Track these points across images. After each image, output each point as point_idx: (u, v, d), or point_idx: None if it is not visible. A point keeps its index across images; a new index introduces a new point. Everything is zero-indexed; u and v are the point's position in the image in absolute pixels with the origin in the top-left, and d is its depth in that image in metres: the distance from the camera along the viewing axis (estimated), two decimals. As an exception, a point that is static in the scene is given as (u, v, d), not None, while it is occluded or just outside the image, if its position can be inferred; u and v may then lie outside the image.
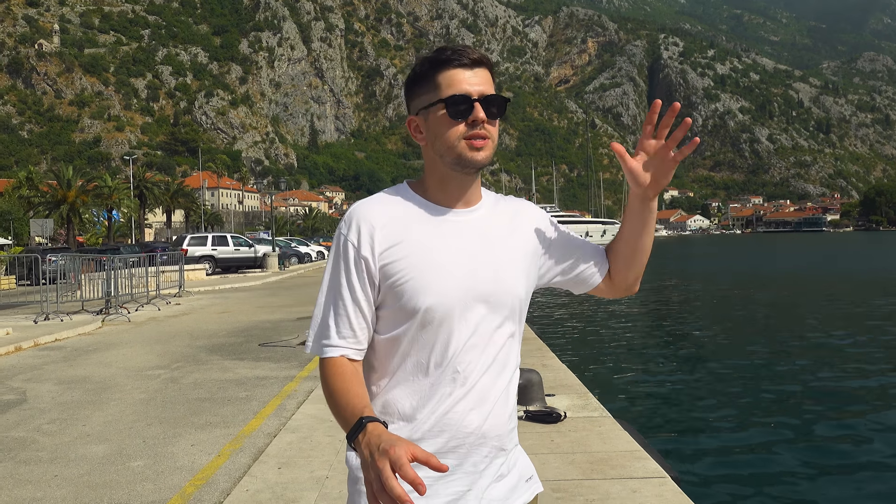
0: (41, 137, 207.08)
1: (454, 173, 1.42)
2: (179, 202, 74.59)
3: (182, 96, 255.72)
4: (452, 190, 1.44)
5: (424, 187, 1.47)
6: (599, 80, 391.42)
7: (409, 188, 1.49)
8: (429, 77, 1.42)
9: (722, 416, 8.64)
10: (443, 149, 1.41)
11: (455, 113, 1.38)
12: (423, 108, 1.43)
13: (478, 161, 1.39)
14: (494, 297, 1.41)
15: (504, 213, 1.50)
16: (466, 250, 1.41)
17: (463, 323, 1.39)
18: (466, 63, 1.40)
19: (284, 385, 7.52)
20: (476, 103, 1.38)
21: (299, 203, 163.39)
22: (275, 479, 4.49)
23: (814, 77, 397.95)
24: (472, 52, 1.41)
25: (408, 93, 1.48)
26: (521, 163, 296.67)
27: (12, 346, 10.56)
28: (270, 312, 15.16)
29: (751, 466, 6.81)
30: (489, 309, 1.41)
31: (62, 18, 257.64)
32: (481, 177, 1.44)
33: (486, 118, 1.39)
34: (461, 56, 1.40)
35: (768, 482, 6.39)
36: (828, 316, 18.00)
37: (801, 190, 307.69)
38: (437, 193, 1.45)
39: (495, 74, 1.45)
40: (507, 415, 1.45)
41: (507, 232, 1.47)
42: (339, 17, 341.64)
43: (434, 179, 1.46)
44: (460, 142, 1.38)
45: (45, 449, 5.44)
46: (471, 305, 1.39)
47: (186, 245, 30.32)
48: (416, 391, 1.41)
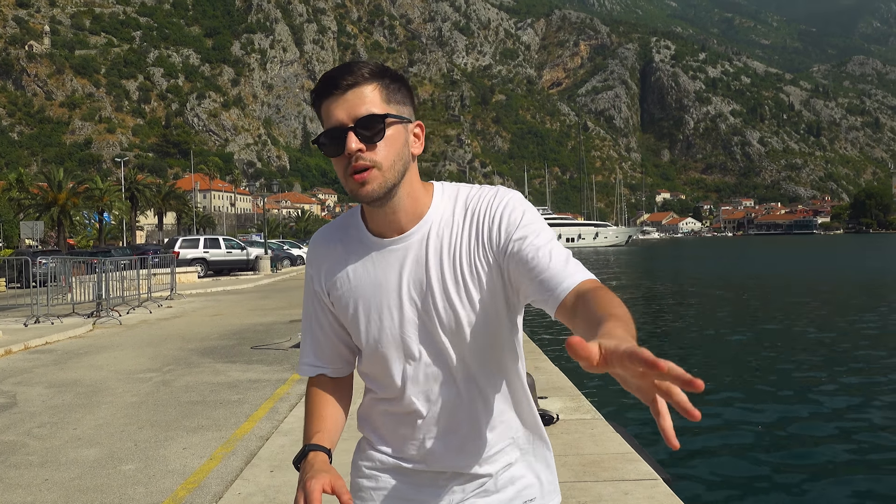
0: (31, 139, 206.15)
1: (369, 206, 1.35)
2: (171, 204, 74.30)
3: (174, 98, 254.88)
4: (378, 219, 1.36)
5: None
6: (592, 82, 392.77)
7: (358, 215, 1.43)
8: (318, 112, 1.33)
9: (713, 418, 8.67)
10: (343, 185, 1.33)
11: (329, 151, 1.29)
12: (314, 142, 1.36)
13: (364, 195, 1.28)
14: (429, 327, 1.35)
15: (451, 225, 1.36)
16: (392, 286, 1.36)
17: (404, 358, 1.37)
18: (337, 91, 1.27)
19: (277, 388, 7.51)
20: (349, 133, 1.26)
21: (291, 205, 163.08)
22: (267, 483, 4.48)
23: (804, 80, 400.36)
24: (344, 75, 1.27)
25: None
26: (514, 165, 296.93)
27: (2, 350, 10.50)
28: (263, 315, 15.13)
29: (742, 469, 6.84)
30: (430, 341, 1.35)
31: (53, 20, 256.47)
32: (470, 177, 1.50)
33: (363, 146, 1.26)
34: (330, 84, 1.28)
35: (759, 484, 6.42)
36: (820, 317, 18.09)
37: (791, 192, 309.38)
38: (373, 223, 1.38)
39: (392, 80, 1.31)
40: (477, 442, 1.39)
41: (446, 252, 1.35)
42: (331, 20, 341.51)
43: (364, 208, 1.40)
44: (347, 179, 1.29)
45: (35, 453, 5.41)
46: (406, 341, 1.36)
47: (178, 247, 30.20)
48: (381, 413, 1.45)
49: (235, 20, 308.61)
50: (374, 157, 1.26)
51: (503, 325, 1.39)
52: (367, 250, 1.38)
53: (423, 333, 1.35)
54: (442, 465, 1.40)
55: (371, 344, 1.38)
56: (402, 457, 1.42)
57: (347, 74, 1.27)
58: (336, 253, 1.41)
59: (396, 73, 1.33)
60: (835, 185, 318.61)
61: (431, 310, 1.34)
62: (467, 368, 1.37)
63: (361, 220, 1.41)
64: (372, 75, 1.29)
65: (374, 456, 1.45)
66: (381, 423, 1.45)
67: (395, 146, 1.29)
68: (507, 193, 1.37)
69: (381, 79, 1.30)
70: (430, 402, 1.37)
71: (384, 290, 1.36)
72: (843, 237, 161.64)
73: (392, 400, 1.40)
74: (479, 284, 1.34)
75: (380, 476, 1.44)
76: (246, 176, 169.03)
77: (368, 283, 1.37)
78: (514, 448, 1.43)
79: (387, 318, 1.36)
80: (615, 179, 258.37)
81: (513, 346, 1.43)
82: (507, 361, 1.41)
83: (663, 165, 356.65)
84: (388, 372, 1.38)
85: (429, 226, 1.35)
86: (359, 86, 1.27)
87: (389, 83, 1.31)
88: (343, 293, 1.39)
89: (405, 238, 1.35)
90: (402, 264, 1.35)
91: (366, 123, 1.26)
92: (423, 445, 1.39)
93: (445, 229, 1.35)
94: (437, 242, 1.35)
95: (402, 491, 1.42)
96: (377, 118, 1.26)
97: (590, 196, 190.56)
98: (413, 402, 1.37)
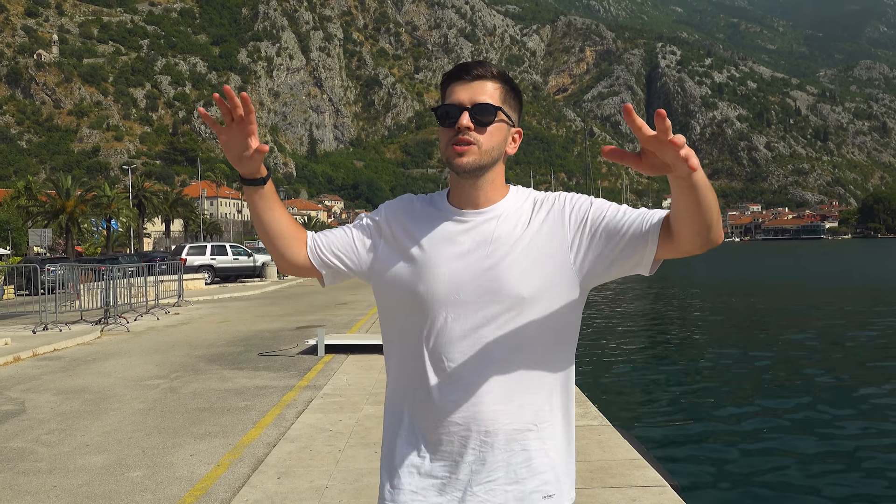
0: (40, 147, 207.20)
1: (457, 177, 1.50)
2: (178, 211, 74.61)
3: (181, 106, 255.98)
4: (461, 193, 1.52)
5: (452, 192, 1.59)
6: (597, 88, 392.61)
7: (444, 194, 1.59)
8: (442, 90, 1.52)
9: (722, 424, 8.63)
10: (441, 154, 1.51)
11: (442, 120, 1.47)
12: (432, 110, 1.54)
13: (458, 165, 1.45)
14: (484, 296, 1.44)
15: (523, 213, 1.51)
16: (458, 252, 1.48)
17: (446, 317, 1.45)
18: (465, 77, 1.48)
19: (284, 394, 7.51)
20: (464, 112, 1.45)
21: (298, 212, 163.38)
22: (274, 489, 4.48)
23: (811, 85, 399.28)
24: (476, 67, 1.49)
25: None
26: (520, 171, 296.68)
27: (11, 357, 10.54)
28: (269, 322, 15.14)
29: (750, 475, 6.80)
30: (477, 307, 1.44)
31: (61, 28, 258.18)
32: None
33: (472, 125, 1.44)
34: (461, 71, 1.49)
35: (768, 491, 6.38)
36: (831, 325, 17.98)
37: (799, 197, 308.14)
38: (454, 197, 1.54)
39: (510, 87, 1.52)
40: (500, 406, 1.45)
41: (518, 233, 1.48)
42: (337, 27, 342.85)
43: (451, 181, 1.56)
44: (448, 147, 1.47)
45: (43, 459, 5.43)
46: (454, 301, 1.45)
47: (185, 254, 30.28)
48: (405, 371, 1.53)
49: (242, 28, 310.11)
50: (478, 138, 1.45)
51: (561, 314, 1.48)
52: (441, 217, 1.53)
53: (471, 299, 1.45)
54: (457, 426, 1.46)
55: (421, 291, 1.47)
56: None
57: (479, 67, 1.49)
58: (414, 208, 1.57)
59: (515, 84, 1.54)
60: (842, 190, 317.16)
61: (489, 277, 1.45)
62: (501, 336, 1.45)
63: (444, 198, 1.58)
64: (498, 76, 1.50)
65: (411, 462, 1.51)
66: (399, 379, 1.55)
67: (496, 136, 1.48)
68: (576, 194, 1.55)
69: (504, 82, 1.50)
70: (457, 362, 1.45)
71: (446, 253, 1.48)
72: (852, 242, 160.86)
73: (418, 354, 1.48)
74: (542, 264, 1.46)
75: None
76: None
77: (438, 238, 1.50)
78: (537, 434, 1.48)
79: (441, 279, 1.46)
80: (621, 185, 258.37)
81: (569, 337, 1.52)
82: (535, 342, 1.47)
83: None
84: (424, 326, 1.48)
85: (502, 209, 1.51)
86: (485, 79, 1.48)
87: (509, 89, 1.51)
88: (408, 238, 1.53)
89: (479, 213, 1.51)
90: (470, 234, 1.49)
91: (481, 109, 1.45)
92: (443, 403, 1.46)
93: (516, 215, 1.50)
94: (507, 224, 1.49)
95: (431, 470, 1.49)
96: (491, 108, 1.46)
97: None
98: (441, 358, 1.46)
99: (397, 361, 1.55)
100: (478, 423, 1.44)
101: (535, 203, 1.52)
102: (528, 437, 1.46)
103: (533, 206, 1.52)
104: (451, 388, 1.45)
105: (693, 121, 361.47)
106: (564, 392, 1.52)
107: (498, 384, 1.44)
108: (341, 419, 6.26)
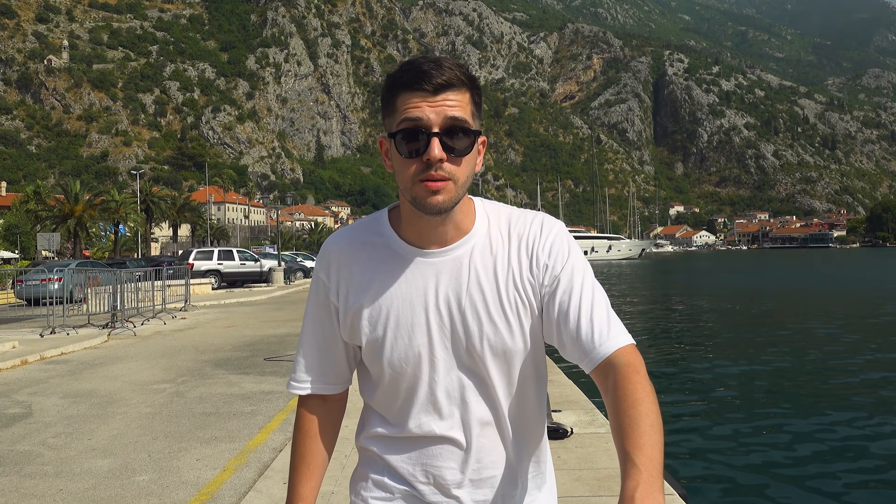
0: (49, 152, 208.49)
1: (418, 213, 1.22)
2: (186, 216, 74.80)
3: (189, 111, 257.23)
4: (421, 229, 1.25)
5: (399, 219, 1.30)
6: (605, 95, 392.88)
7: (385, 219, 1.31)
8: (389, 99, 1.21)
9: (731, 433, 8.57)
10: (400, 186, 1.22)
11: (406, 151, 1.17)
12: (389, 134, 1.22)
13: (433, 206, 1.17)
14: (458, 349, 1.26)
15: (493, 246, 1.28)
16: (426, 301, 1.25)
17: (425, 378, 1.27)
18: (427, 87, 1.15)
19: (290, 399, 7.50)
20: (434, 138, 1.15)
21: (305, 218, 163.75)
22: (280, 495, 4.47)
23: (819, 93, 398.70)
24: (437, 72, 1.16)
25: (382, 108, 1.25)
26: (527, 178, 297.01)
27: (18, 360, 10.57)
28: (276, 327, 15.16)
29: (758, 485, 6.75)
30: (455, 362, 1.26)
31: (71, 34, 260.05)
32: (483, 190, 1.40)
33: (445, 155, 1.16)
34: (420, 79, 1.15)
35: (776, 501, 6.33)
36: (835, 334, 17.89)
37: (807, 206, 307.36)
38: (407, 230, 1.27)
39: (477, 92, 1.22)
40: (494, 465, 1.30)
41: (488, 273, 1.26)
42: (345, 34, 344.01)
43: (404, 213, 1.27)
44: (415, 183, 1.17)
45: (50, 463, 5.43)
46: (432, 359, 1.26)
47: (192, 259, 30.40)
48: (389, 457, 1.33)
49: (251, 34, 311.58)
50: (454, 171, 1.17)
51: (539, 353, 1.33)
52: (399, 259, 1.27)
53: (457, 354, 1.26)
54: (463, 496, 1.30)
55: (395, 364, 1.27)
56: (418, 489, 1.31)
57: (441, 73, 1.16)
58: (359, 259, 1.29)
59: (476, 79, 1.22)
60: (850, 199, 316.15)
61: (470, 329, 1.25)
62: (502, 394, 1.29)
63: (390, 226, 1.30)
64: (468, 81, 1.19)
65: (388, 486, 1.33)
66: (391, 466, 1.32)
67: (471, 163, 1.21)
68: (554, 225, 1.30)
69: (473, 88, 1.21)
70: (458, 430, 1.28)
71: (416, 304, 1.26)
72: (860, 251, 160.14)
73: (405, 436, 1.30)
74: (518, 309, 1.26)
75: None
76: (260, 188, 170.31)
77: (398, 295, 1.26)
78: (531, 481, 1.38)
79: (418, 335, 1.26)
80: (628, 192, 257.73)
81: (544, 371, 1.38)
82: (537, 390, 1.35)
83: (677, 178, 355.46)
84: (410, 397, 1.28)
85: (473, 243, 1.27)
86: (452, 89, 1.17)
87: (478, 95, 1.22)
88: (366, 304, 1.27)
89: (447, 251, 1.26)
90: (439, 278, 1.26)
91: (453, 133, 1.16)
92: (441, 477, 1.29)
93: (490, 249, 1.27)
94: (481, 260, 1.26)
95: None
96: (469, 133, 1.18)
97: (603, 209, 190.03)
98: (433, 429, 1.28)
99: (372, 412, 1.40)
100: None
101: (511, 234, 1.29)
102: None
103: (509, 237, 1.29)
104: (457, 464, 1.30)
105: (700, 129, 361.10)
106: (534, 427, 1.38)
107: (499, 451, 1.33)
108: (347, 424, 6.24)
